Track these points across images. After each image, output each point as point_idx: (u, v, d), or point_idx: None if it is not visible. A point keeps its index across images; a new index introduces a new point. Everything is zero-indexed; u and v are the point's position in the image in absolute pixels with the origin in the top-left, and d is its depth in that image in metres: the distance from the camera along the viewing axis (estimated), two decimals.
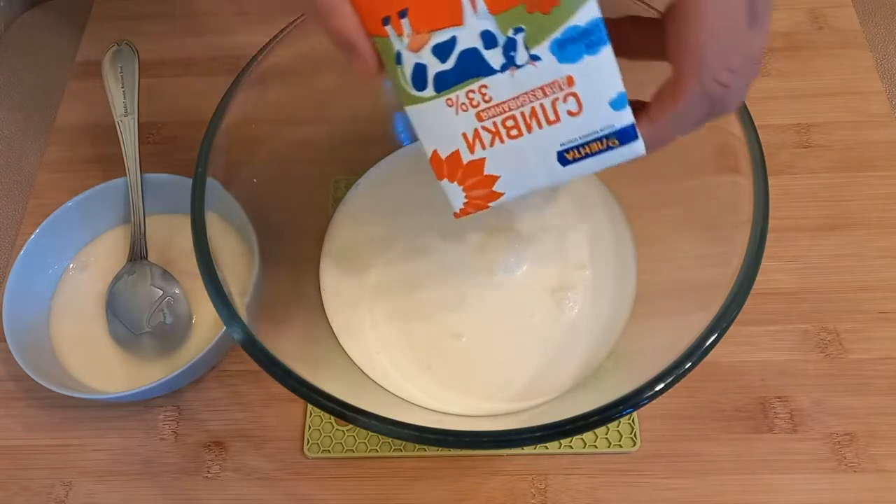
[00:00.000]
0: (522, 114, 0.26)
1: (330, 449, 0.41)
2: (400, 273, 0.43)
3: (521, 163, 0.27)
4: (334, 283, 0.44)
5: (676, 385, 0.29)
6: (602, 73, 0.25)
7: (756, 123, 0.33)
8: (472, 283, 0.42)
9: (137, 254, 0.46)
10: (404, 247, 0.44)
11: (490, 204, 0.28)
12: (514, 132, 0.27)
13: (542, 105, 0.26)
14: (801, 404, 0.42)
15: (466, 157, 0.27)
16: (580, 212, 0.44)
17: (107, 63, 0.49)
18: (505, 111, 0.26)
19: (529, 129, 0.26)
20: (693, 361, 0.29)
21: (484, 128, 0.27)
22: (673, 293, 0.39)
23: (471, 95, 0.26)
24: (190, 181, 0.34)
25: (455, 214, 0.29)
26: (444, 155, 0.27)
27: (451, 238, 0.44)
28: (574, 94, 0.26)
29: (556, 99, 0.26)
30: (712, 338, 0.29)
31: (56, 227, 0.46)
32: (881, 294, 0.45)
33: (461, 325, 0.41)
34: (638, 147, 0.26)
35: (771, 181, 0.32)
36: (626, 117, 0.26)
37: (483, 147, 0.27)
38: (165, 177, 0.47)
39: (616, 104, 0.26)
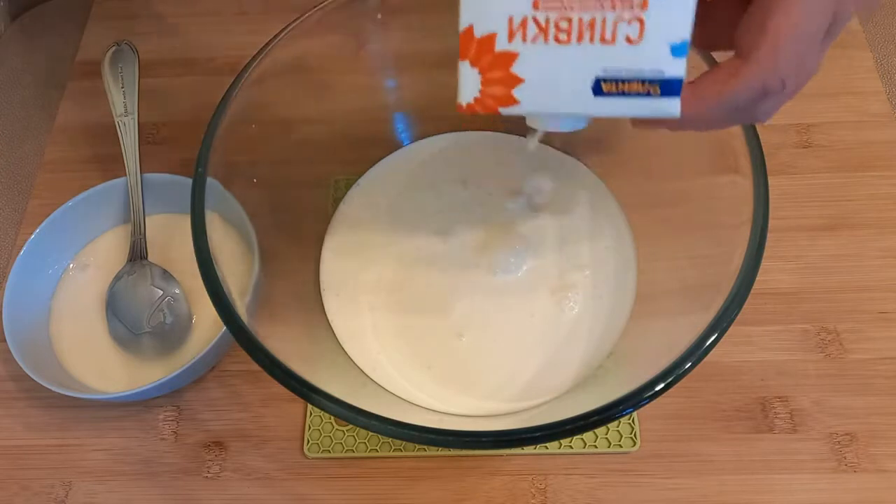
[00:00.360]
0: (580, 20, 0.24)
1: (330, 449, 0.41)
2: (400, 273, 0.43)
3: (553, 74, 0.25)
4: (334, 284, 0.44)
5: (676, 385, 0.29)
6: (680, 10, 0.24)
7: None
8: (472, 283, 0.42)
9: (137, 254, 0.46)
10: (404, 247, 0.44)
11: (500, 108, 0.25)
12: (563, 36, 0.24)
13: (604, 19, 0.24)
14: (801, 404, 0.42)
15: (502, 44, 0.25)
16: (580, 212, 0.44)
17: (107, 63, 0.49)
18: (564, 9, 0.24)
19: (580, 39, 0.24)
20: (693, 361, 0.29)
21: (535, 19, 0.24)
22: (673, 293, 0.39)
23: None
24: (190, 181, 0.34)
25: (459, 106, 0.26)
26: (478, 33, 0.25)
27: (452, 238, 0.44)
28: (640, 21, 0.24)
29: (621, 19, 0.24)
30: (712, 338, 0.29)
31: (56, 227, 0.46)
32: (881, 294, 0.45)
33: (461, 324, 0.41)
34: (674, 106, 0.25)
35: (771, 181, 0.32)
36: (678, 68, 0.24)
37: (524, 40, 0.25)
38: (165, 177, 0.47)
39: (676, 50, 0.24)
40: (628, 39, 0.24)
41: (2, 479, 0.43)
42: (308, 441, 0.42)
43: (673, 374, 0.29)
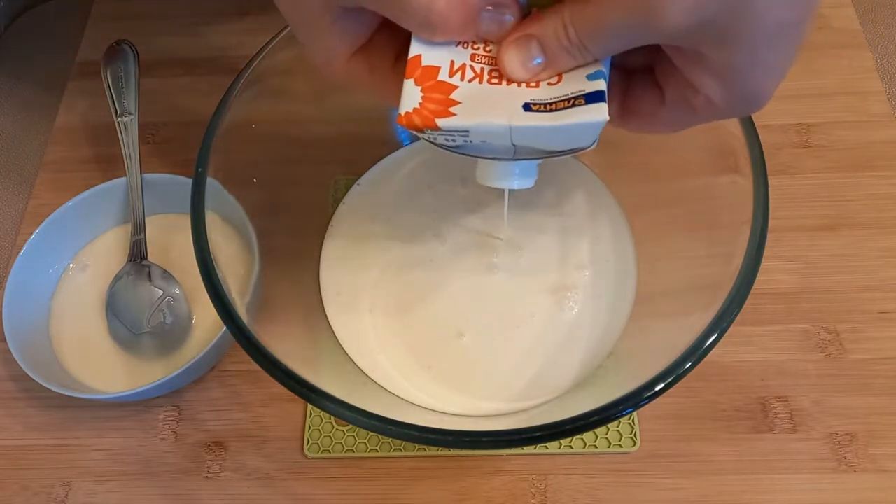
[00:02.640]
0: None
1: (330, 449, 0.42)
2: (400, 273, 0.43)
3: (487, 99, 0.27)
4: (334, 283, 0.44)
5: (676, 385, 0.29)
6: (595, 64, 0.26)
7: (756, 123, 0.33)
8: (472, 283, 0.42)
9: (137, 254, 0.46)
10: (404, 247, 0.44)
11: (437, 122, 0.27)
12: (494, 81, 0.27)
13: None
14: (801, 404, 0.42)
15: (443, 76, 0.27)
16: (580, 212, 0.44)
17: (106, 63, 0.49)
18: (495, 65, 0.27)
19: (509, 84, 0.27)
20: (693, 361, 0.29)
21: (471, 66, 0.27)
22: (673, 293, 0.39)
23: (476, 41, 0.27)
24: (190, 181, 0.34)
25: (399, 116, 0.28)
26: (424, 63, 0.27)
27: (452, 238, 0.44)
28: (559, 75, 0.27)
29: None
30: (712, 338, 0.29)
31: (56, 227, 0.46)
32: (881, 294, 0.45)
33: (461, 324, 0.41)
34: (601, 110, 0.26)
35: (771, 181, 0.32)
36: (597, 86, 0.26)
37: (462, 79, 0.27)
38: (165, 177, 0.47)
39: (592, 77, 0.26)
40: (549, 84, 0.27)
41: (2, 479, 0.43)
42: (308, 441, 0.42)
43: (673, 374, 0.29)
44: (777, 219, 0.36)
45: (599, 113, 0.26)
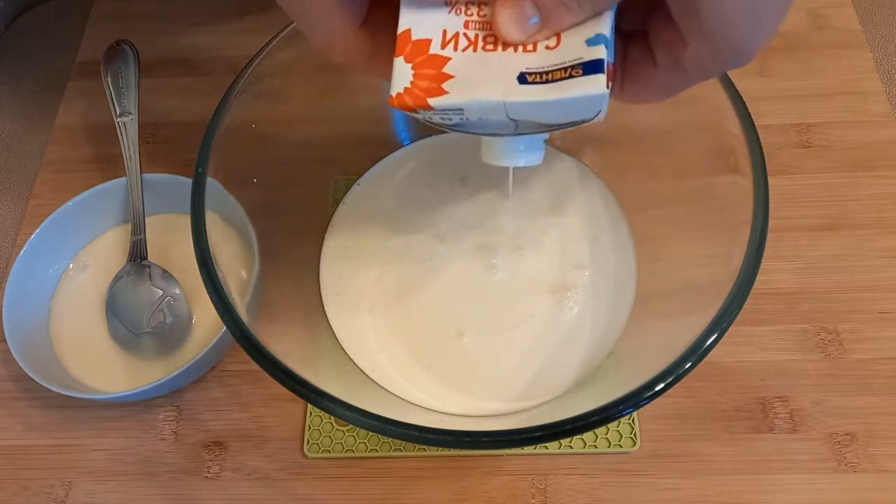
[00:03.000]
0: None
1: (330, 449, 0.42)
2: (400, 273, 0.43)
3: (481, 70, 0.26)
4: (334, 283, 0.44)
5: (676, 385, 0.29)
6: (594, 21, 0.25)
7: (756, 123, 0.33)
8: (471, 283, 0.42)
9: (137, 254, 0.46)
10: (404, 246, 0.44)
11: (429, 101, 0.26)
12: (489, 47, 0.26)
13: None
14: (801, 404, 0.42)
15: (435, 49, 0.26)
16: (579, 212, 0.44)
17: (106, 63, 0.49)
18: (490, 30, 0.26)
19: (505, 49, 0.26)
20: (693, 361, 0.29)
21: (465, 34, 0.26)
22: (673, 293, 0.39)
23: (469, 5, 0.26)
24: (190, 181, 0.34)
25: (391, 98, 0.27)
26: (414, 36, 0.27)
27: (451, 238, 0.44)
28: (557, 35, 0.26)
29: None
30: (712, 338, 0.29)
31: (56, 227, 0.46)
32: (881, 294, 0.45)
33: (461, 324, 0.41)
34: (599, 81, 0.25)
35: (771, 181, 0.32)
36: (597, 52, 0.25)
37: (455, 49, 0.26)
38: (165, 177, 0.47)
39: (592, 41, 0.25)
40: (547, 48, 0.26)
41: (2, 479, 0.43)
42: (308, 441, 0.42)
43: (673, 374, 0.29)
44: (777, 219, 0.36)
45: (596, 85, 0.25)
